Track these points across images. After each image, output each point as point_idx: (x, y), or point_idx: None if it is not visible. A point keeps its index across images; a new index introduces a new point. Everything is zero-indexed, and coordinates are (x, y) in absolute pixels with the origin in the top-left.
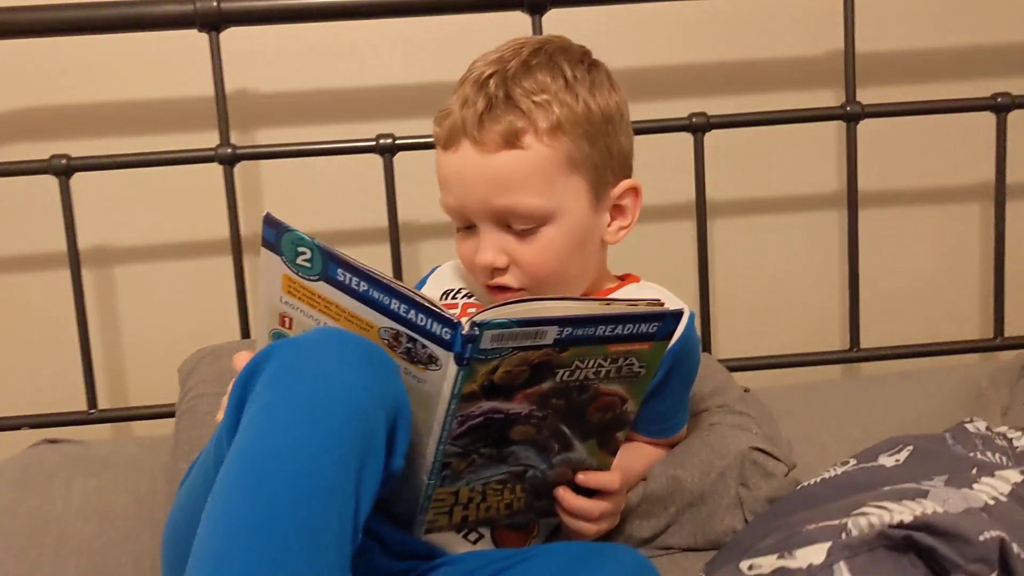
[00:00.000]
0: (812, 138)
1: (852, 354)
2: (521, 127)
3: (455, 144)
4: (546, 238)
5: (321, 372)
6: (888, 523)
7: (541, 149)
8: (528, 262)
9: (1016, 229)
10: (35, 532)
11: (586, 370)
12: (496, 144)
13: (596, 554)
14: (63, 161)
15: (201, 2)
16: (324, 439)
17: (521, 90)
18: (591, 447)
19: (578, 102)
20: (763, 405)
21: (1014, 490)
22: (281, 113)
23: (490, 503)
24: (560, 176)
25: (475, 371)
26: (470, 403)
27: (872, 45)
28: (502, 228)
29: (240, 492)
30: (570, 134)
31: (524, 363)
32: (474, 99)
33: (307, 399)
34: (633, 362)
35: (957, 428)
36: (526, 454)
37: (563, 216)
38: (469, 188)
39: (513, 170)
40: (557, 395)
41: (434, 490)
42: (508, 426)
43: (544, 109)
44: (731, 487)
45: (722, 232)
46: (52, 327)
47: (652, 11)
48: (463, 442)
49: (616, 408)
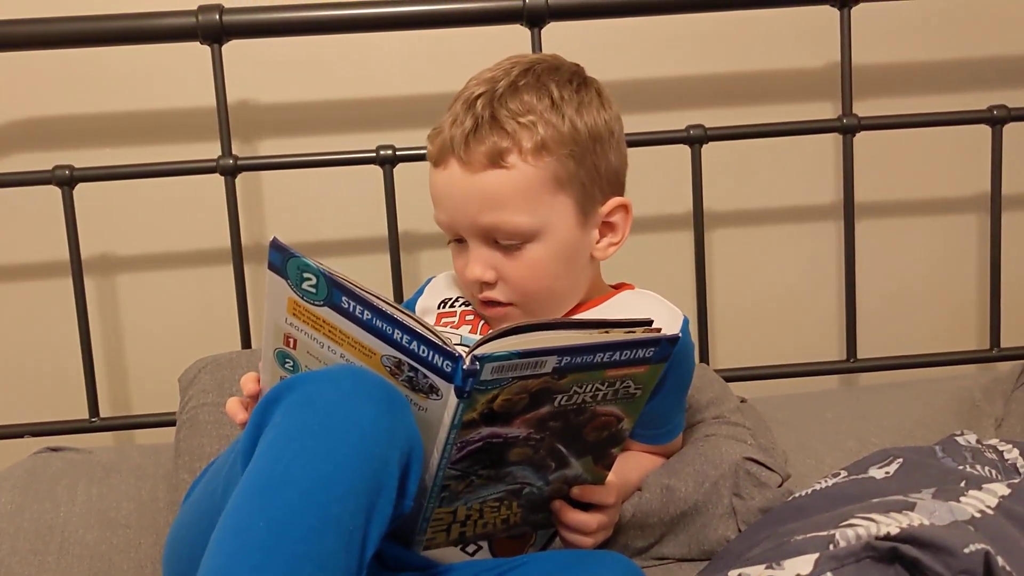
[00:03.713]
0: (809, 150)
1: (849, 364)
2: (505, 147)
3: (444, 162)
4: (532, 255)
5: (340, 407)
6: (875, 535)
7: (526, 169)
8: (515, 278)
9: (1012, 240)
10: (39, 537)
11: (583, 394)
12: (481, 164)
13: (587, 560)
14: (66, 172)
15: (204, 15)
16: (337, 469)
17: (507, 111)
18: (587, 463)
19: (564, 122)
20: (759, 415)
21: (1001, 503)
22: (282, 124)
23: (487, 519)
24: (545, 195)
25: (475, 401)
26: (470, 430)
27: (869, 58)
28: (490, 244)
29: (250, 512)
30: (555, 153)
31: (523, 391)
32: (463, 119)
33: (324, 430)
34: (629, 384)
35: (947, 441)
36: (523, 473)
37: (549, 233)
38: (457, 205)
39: (498, 189)
40: (555, 418)
41: (433, 512)
42: (506, 449)
43: (529, 130)
44: (725, 497)
45: (720, 243)
46: (54, 336)
47: (650, 24)
48: (462, 466)
49: (612, 426)
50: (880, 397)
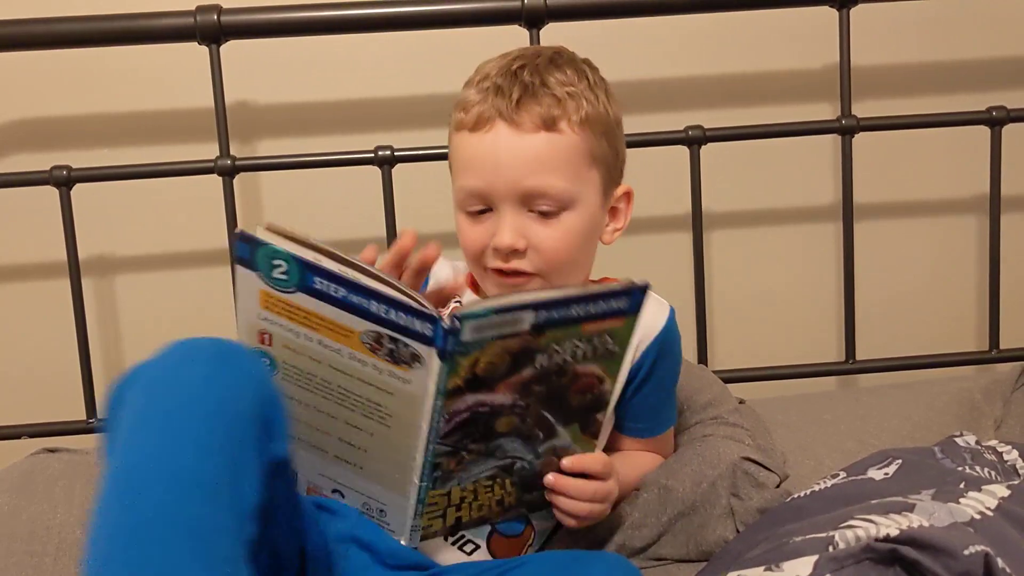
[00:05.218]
0: (808, 151)
1: (848, 366)
2: (557, 113)
3: (487, 125)
4: (567, 223)
5: (169, 379)
6: (874, 536)
7: (573, 137)
8: (547, 246)
9: (1011, 241)
10: (36, 538)
11: (563, 353)
12: (534, 125)
13: (585, 561)
14: (64, 172)
15: (202, 15)
16: (178, 438)
17: (555, 79)
18: (574, 432)
19: (599, 102)
20: (758, 416)
21: (1001, 505)
22: (280, 125)
23: (482, 501)
24: (584, 166)
25: (458, 365)
26: (455, 399)
27: (868, 59)
28: (524, 211)
29: (112, 504)
30: (594, 129)
31: (505, 352)
32: (508, 87)
33: (165, 409)
34: (607, 340)
35: (947, 442)
36: (513, 445)
37: (583, 204)
38: (501, 168)
39: (548, 152)
40: (538, 381)
41: (427, 492)
42: (493, 418)
43: (576, 101)
44: (723, 497)
45: (718, 244)
46: (52, 337)
47: (649, 24)
48: (451, 440)
49: (594, 388)
50: (879, 398)
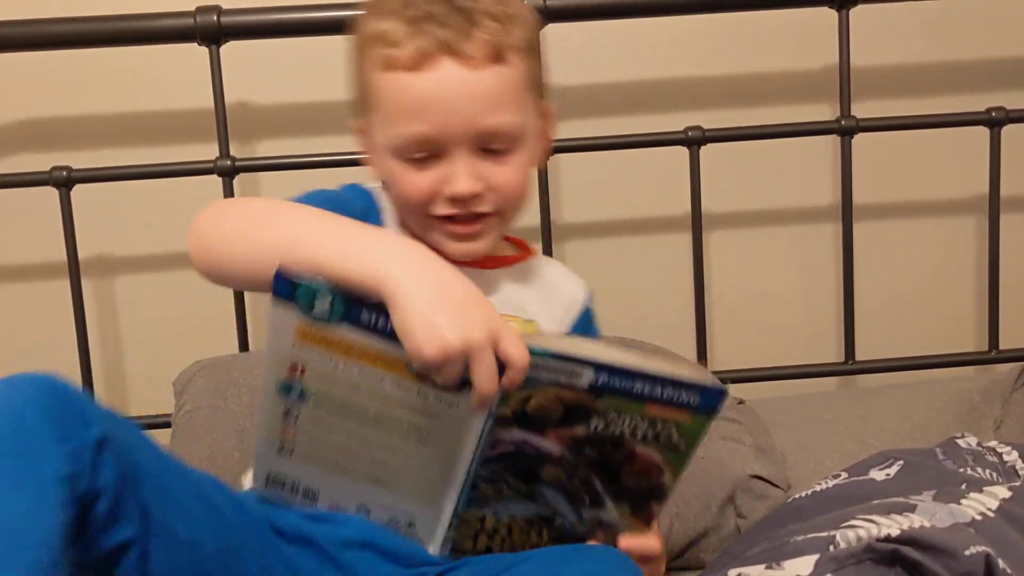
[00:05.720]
0: (807, 152)
1: (847, 366)
2: (503, 42)
3: (430, 63)
4: (518, 159)
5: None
6: (875, 536)
7: (520, 66)
8: (505, 185)
9: (1010, 242)
10: None
11: (621, 425)
12: (484, 58)
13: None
14: (64, 173)
15: (201, 16)
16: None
17: (490, 2)
18: (623, 511)
19: (528, 20)
20: (758, 417)
21: (1002, 506)
22: (280, 125)
23: (516, 540)
24: (528, 96)
25: (509, 395)
26: (503, 428)
27: (867, 59)
28: (476, 153)
29: None
30: (533, 52)
31: (558, 400)
32: (443, 15)
33: None
34: (672, 432)
35: (948, 443)
36: (555, 499)
37: (528, 136)
38: (452, 110)
39: (503, 86)
40: (590, 444)
41: (462, 508)
42: (539, 464)
43: (517, 24)
44: (731, 519)
45: (718, 245)
46: (51, 337)
47: (649, 25)
48: (493, 468)
49: (652, 475)
50: (879, 399)
